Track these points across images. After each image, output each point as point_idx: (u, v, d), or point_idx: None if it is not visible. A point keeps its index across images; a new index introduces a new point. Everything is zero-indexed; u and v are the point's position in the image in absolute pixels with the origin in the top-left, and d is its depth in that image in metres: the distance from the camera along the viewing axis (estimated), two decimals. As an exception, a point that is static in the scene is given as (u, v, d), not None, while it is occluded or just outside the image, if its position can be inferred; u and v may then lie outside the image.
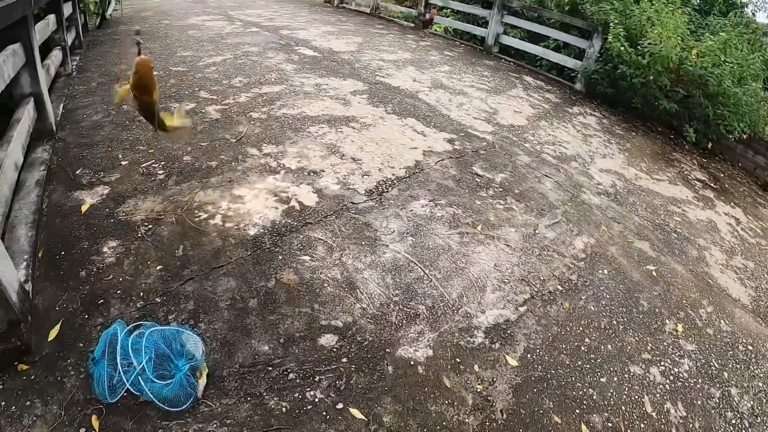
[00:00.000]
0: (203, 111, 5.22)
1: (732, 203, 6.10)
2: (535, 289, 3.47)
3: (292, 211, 3.72)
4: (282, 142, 4.75)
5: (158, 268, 2.99)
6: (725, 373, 3.37)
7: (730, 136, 7.06)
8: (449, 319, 3.01)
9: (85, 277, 2.86)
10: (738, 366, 3.48)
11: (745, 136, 7.17)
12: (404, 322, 2.91)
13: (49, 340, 2.46)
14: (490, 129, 6.07)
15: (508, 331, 3.05)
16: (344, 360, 2.60)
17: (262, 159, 4.39)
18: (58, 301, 2.68)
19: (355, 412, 2.38)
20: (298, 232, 3.49)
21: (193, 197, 3.71)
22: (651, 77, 7.08)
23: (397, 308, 2.99)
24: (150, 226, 3.35)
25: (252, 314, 2.76)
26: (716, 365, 3.41)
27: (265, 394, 2.37)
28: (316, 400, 2.40)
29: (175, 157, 4.23)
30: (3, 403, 2.16)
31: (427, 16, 11.30)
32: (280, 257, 3.23)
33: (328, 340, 2.69)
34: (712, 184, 6.50)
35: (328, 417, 2.34)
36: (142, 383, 2.17)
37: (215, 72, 6.62)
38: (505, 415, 2.59)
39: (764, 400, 3.29)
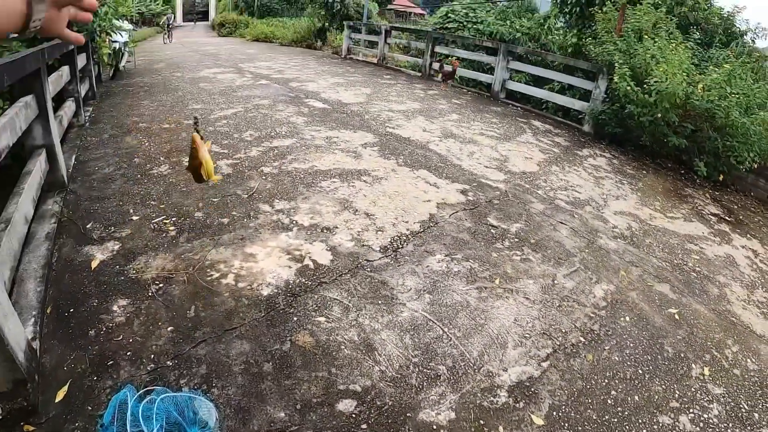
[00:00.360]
0: (215, 166, 5.34)
1: (748, 235, 6.04)
2: (558, 343, 3.44)
3: (306, 270, 3.73)
4: (294, 197, 4.83)
5: (169, 329, 3.00)
6: (756, 414, 3.27)
7: (741, 167, 7.05)
8: (471, 379, 2.97)
9: (94, 337, 2.87)
10: (768, 405, 3.40)
11: (755, 166, 7.15)
12: (425, 384, 2.88)
13: (56, 401, 2.44)
14: (503, 177, 6.12)
15: (532, 389, 3.01)
16: (364, 426, 2.55)
17: (274, 215, 4.45)
18: (66, 361, 2.69)
19: (381, 485, 2.35)
20: (312, 292, 3.50)
21: (204, 255, 3.76)
22: (659, 114, 7.15)
23: (417, 370, 2.96)
24: (161, 285, 3.38)
25: (267, 379, 2.74)
26: (746, 407, 3.31)
27: (283, 465, 2.35)
28: (338, 471, 2.37)
29: (186, 213, 4.31)
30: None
31: (446, 67, 11.48)
32: (295, 318, 3.22)
33: (346, 405, 2.65)
34: (726, 218, 6.45)
35: (352, 491, 2.31)
36: (153, 452, 2.15)
37: (226, 125, 6.81)
38: (534, 479, 2.55)
39: (797, 439, 3.21)
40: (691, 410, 3.17)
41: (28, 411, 2.33)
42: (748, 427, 3.15)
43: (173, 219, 4.22)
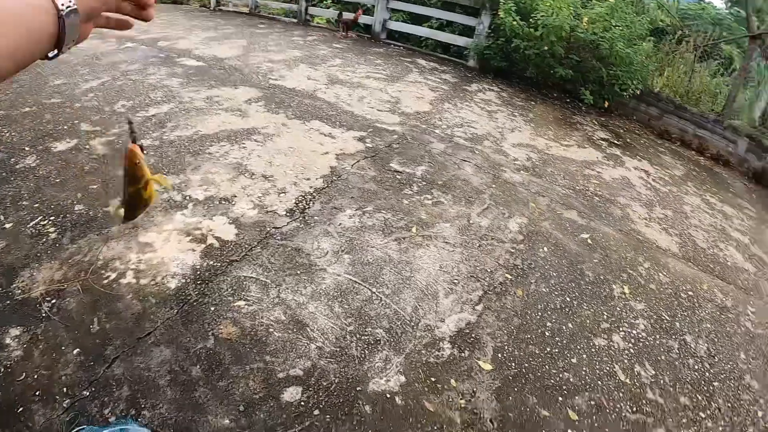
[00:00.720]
0: (88, 147, 4.60)
1: (638, 157, 6.34)
2: (486, 284, 3.34)
3: (212, 251, 3.28)
4: (182, 169, 4.25)
5: (75, 351, 2.48)
6: (677, 323, 3.45)
7: (625, 94, 7.37)
8: (411, 337, 2.79)
9: None
10: (685, 313, 3.57)
11: (638, 92, 7.50)
12: (366, 352, 2.64)
13: None
14: (398, 119, 5.90)
15: (473, 335, 2.89)
16: (316, 412, 2.30)
17: (164, 194, 3.87)
18: None
19: (345, 471, 2.11)
20: (224, 274, 3.08)
21: (95, 255, 3.17)
22: (545, 47, 7.25)
23: (355, 338, 2.72)
24: (53, 301, 2.79)
25: (199, 385, 2.36)
26: (667, 317, 3.47)
27: (242, 477, 2.04)
28: (300, 468, 2.10)
29: (64, 209, 3.64)
30: None
31: (345, 16, 10.81)
32: (212, 308, 2.81)
33: (291, 394, 2.36)
34: (616, 141, 6.72)
35: (317, 485, 2.06)
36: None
37: (94, 98, 5.94)
38: (495, 424, 2.45)
39: (716, 340, 3.41)
40: (620, 329, 3.25)
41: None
42: (673, 336, 3.31)
43: (51, 218, 3.51)
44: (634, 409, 2.73)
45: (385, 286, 3.14)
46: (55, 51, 0.71)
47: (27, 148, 4.45)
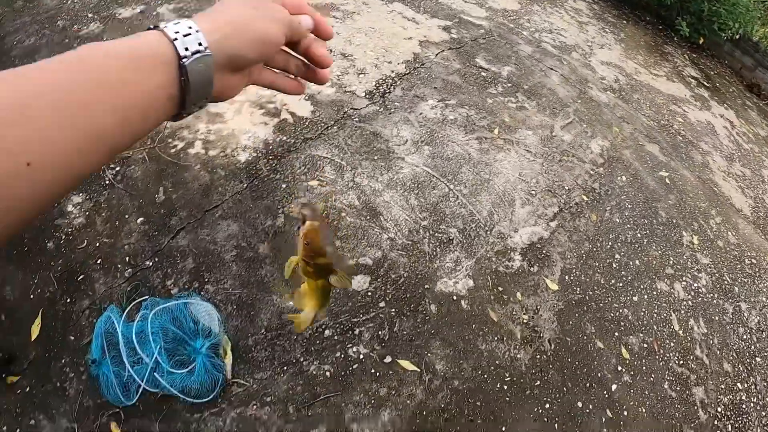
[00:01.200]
0: (155, 13, 4.23)
1: (725, 105, 5.91)
2: (562, 201, 3.20)
3: (286, 126, 3.10)
4: None
5: (139, 221, 2.42)
6: (736, 288, 3.33)
7: (723, 35, 6.71)
8: (483, 242, 2.70)
9: (55, 249, 2.29)
10: (746, 280, 3.44)
11: (737, 36, 6.86)
12: (438, 250, 2.57)
13: (33, 339, 1.98)
14: (484, 14, 5.47)
15: (544, 251, 2.80)
16: (382, 304, 2.26)
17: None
18: (30, 287, 2.15)
19: (406, 364, 2.10)
20: (298, 152, 2.92)
21: (163, 123, 3.03)
22: (649, -35, 6.55)
23: (428, 234, 2.63)
24: (118, 168, 2.68)
25: (265, 263, 2.30)
26: (728, 279, 3.35)
27: (302, 359, 2.02)
28: (361, 356, 2.08)
29: None
30: (5, 428, 1.74)
31: None
32: (283, 186, 2.69)
33: (359, 282, 2.31)
34: (705, 83, 6.25)
35: (378, 374, 2.05)
36: (159, 378, 1.76)
37: None
38: (553, 345, 2.43)
39: (768, 315, 3.31)
40: (683, 278, 3.15)
41: (4, 360, 1.90)
42: (730, 299, 3.20)
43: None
44: (681, 362, 2.70)
45: (462, 185, 3.00)
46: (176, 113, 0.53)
47: (90, 15, 4.17)
